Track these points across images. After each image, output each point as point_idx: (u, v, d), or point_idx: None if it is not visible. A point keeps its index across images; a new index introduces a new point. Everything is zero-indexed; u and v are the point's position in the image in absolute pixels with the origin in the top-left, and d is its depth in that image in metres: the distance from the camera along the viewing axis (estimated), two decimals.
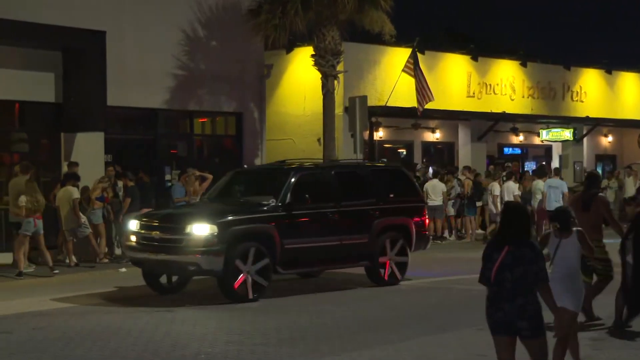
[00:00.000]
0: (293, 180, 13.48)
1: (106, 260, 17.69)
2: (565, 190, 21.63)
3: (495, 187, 22.26)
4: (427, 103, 23.55)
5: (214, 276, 12.78)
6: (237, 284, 12.58)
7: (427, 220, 15.53)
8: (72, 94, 18.32)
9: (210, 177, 18.86)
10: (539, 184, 22.30)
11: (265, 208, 13.19)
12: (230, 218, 12.82)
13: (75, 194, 16.89)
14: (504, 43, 39.79)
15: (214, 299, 12.99)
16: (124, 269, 16.32)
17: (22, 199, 15.73)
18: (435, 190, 22.56)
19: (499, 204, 21.73)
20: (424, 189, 22.75)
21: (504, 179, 22.65)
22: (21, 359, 9.16)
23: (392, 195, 14.79)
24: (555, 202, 21.07)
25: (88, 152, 18.70)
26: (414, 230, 14.87)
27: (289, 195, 13.26)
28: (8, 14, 17.05)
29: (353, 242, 13.99)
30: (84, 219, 17.12)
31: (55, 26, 17.75)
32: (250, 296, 12.65)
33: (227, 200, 14.22)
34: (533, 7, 76.69)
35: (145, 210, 16.32)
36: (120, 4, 19.77)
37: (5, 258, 17.01)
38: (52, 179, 18.35)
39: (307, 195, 13.26)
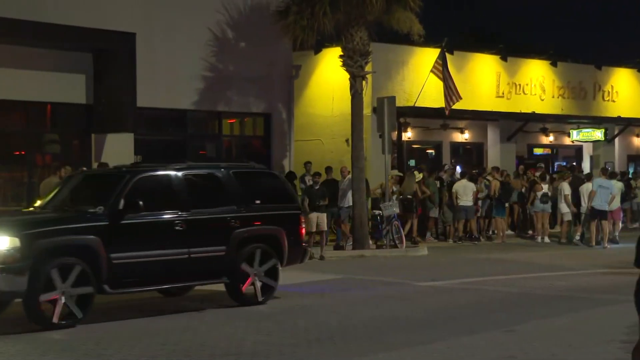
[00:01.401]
0: (127, 184, 11.65)
1: None
2: (614, 192, 21.59)
3: (565, 187, 22.53)
4: (454, 103, 23.57)
5: (16, 298, 10.97)
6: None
7: (303, 230, 13.59)
8: (103, 96, 18.50)
9: None
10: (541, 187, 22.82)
11: (89, 217, 11.33)
12: (39, 229, 10.87)
13: None
14: (532, 43, 39.54)
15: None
16: None
17: None
18: (465, 191, 22.46)
19: (571, 204, 22.34)
20: (453, 190, 22.65)
21: (582, 179, 23.04)
22: (54, 358, 9.24)
23: (258, 202, 12.93)
24: (605, 202, 21.10)
25: (118, 152, 18.84)
26: (285, 241, 12.94)
27: (121, 201, 11.40)
28: (39, 17, 17.26)
29: (206, 256, 12.12)
30: None
31: (86, 28, 17.95)
32: (59, 320, 10.77)
33: (52, 208, 12.17)
34: (561, 6, 76.17)
35: None
36: (149, 6, 19.93)
37: None
38: None
39: (140, 202, 11.41)
